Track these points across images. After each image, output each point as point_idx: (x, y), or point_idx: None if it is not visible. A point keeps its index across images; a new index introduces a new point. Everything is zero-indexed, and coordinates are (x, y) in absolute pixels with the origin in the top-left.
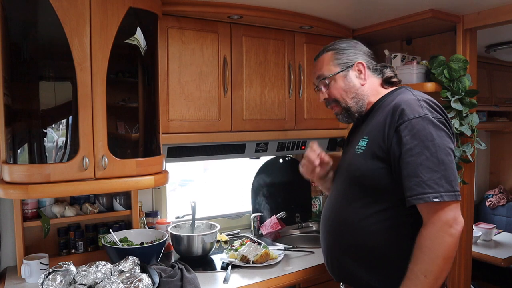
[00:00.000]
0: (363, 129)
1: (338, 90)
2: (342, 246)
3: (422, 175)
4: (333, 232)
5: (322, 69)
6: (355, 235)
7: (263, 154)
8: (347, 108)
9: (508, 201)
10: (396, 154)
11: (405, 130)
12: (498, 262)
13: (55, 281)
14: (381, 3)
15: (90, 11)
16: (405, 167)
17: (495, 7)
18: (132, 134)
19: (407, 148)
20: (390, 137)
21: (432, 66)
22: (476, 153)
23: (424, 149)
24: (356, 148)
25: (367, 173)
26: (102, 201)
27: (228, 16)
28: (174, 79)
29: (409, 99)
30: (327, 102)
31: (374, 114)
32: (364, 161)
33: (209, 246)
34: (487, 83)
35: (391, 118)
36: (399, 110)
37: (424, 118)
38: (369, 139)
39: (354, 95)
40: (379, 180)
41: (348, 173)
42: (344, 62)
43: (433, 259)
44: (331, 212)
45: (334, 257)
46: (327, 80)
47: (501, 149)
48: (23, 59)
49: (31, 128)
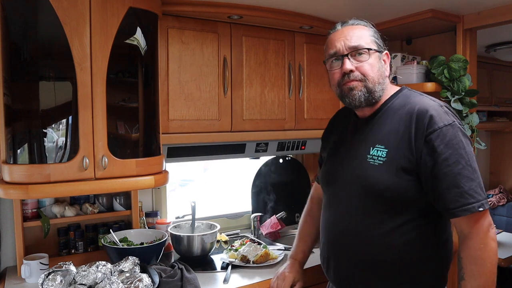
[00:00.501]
0: (370, 135)
1: (372, 67)
2: (365, 263)
3: (462, 185)
4: (351, 248)
5: (361, 40)
6: (381, 252)
7: (263, 154)
8: (372, 90)
9: (508, 201)
10: (428, 165)
11: (437, 139)
12: (498, 262)
13: (55, 281)
14: (381, 3)
15: (90, 11)
16: (443, 178)
17: (495, 7)
18: (132, 134)
19: (443, 158)
20: (419, 147)
21: (432, 66)
22: (476, 153)
23: (460, 158)
24: (368, 157)
25: (393, 186)
26: (102, 201)
27: (228, 16)
28: (174, 79)
29: (432, 104)
30: (349, 75)
31: (383, 118)
32: (387, 174)
33: (209, 246)
34: (487, 83)
35: (417, 125)
36: (427, 117)
37: (453, 125)
38: (387, 148)
39: (382, 81)
40: (406, 193)
41: (362, 185)
42: (380, 44)
43: (489, 268)
44: (345, 226)
45: (354, 274)
46: (365, 52)
47: (501, 149)
48: (23, 59)
49: (31, 128)
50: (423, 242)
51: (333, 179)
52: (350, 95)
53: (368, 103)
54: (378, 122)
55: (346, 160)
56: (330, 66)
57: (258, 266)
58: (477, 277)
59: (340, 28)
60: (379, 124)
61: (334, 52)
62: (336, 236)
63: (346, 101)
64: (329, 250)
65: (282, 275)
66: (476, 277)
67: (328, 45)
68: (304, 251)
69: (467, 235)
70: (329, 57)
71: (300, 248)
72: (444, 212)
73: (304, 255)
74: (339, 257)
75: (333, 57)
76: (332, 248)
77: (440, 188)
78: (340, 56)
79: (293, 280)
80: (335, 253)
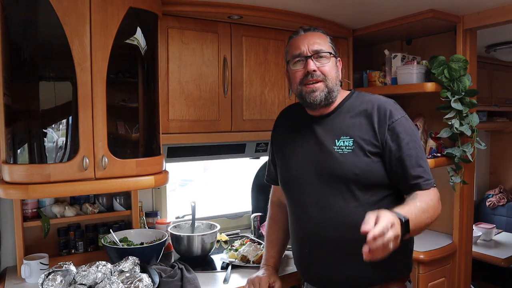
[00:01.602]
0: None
1: (331, 69)
2: (348, 248)
3: (422, 165)
4: (334, 236)
5: (323, 44)
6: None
7: (263, 154)
8: (331, 89)
9: (508, 201)
10: (393, 149)
11: (399, 127)
12: (498, 262)
13: (55, 281)
14: (381, 3)
15: (90, 11)
16: (407, 159)
17: (495, 7)
18: (132, 134)
19: (405, 142)
20: (383, 134)
21: (432, 66)
22: (476, 153)
23: (417, 143)
24: (335, 148)
25: (367, 167)
26: (102, 201)
27: (228, 16)
28: (174, 79)
29: (388, 100)
30: (312, 74)
31: (341, 114)
32: (359, 158)
33: (209, 246)
34: (487, 83)
35: (379, 117)
36: (387, 110)
37: (407, 117)
38: (353, 138)
39: (338, 83)
40: (377, 172)
41: (335, 174)
42: (335, 51)
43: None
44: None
45: (336, 262)
46: (325, 56)
47: (501, 149)
48: (23, 59)
49: (31, 128)
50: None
51: (296, 176)
52: (312, 96)
53: (326, 103)
54: (338, 118)
55: (310, 155)
56: (292, 65)
57: (258, 266)
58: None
59: (303, 33)
60: (339, 119)
61: (299, 54)
62: (309, 229)
63: (307, 101)
64: (304, 246)
65: (256, 278)
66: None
67: (291, 47)
68: (274, 257)
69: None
70: (293, 58)
71: (270, 253)
72: (408, 188)
73: (276, 260)
74: (315, 250)
75: (297, 58)
76: (306, 242)
77: (406, 167)
78: (304, 57)
79: (268, 281)
80: (310, 247)
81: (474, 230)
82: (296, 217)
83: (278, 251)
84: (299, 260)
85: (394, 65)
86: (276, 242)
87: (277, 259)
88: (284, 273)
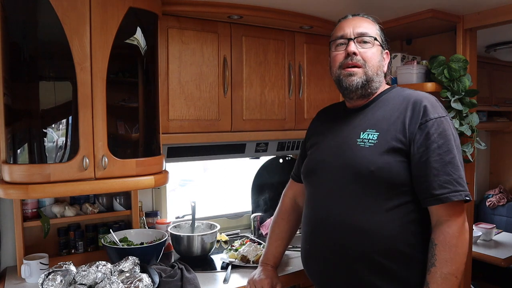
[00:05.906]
0: (362, 122)
1: (374, 56)
2: (356, 254)
3: (452, 173)
4: (341, 238)
5: (369, 28)
6: (375, 241)
7: (263, 154)
8: (370, 78)
9: (508, 201)
10: (420, 150)
11: (432, 128)
12: (498, 262)
13: (55, 281)
14: (381, 3)
15: (90, 11)
16: (433, 164)
17: (495, 7)
18: (132, 134)
19: (435, 146)
20: (413, 131)
21: (432, 66)
22: (476, 153)
23: (451, 149)
24: (358, 141)
25: (385, 166)
26: (102, 201)
27: (228, 16)
28: (174, 79)
29: (428, 96)
30: (352, 57)
31: (376, 107)
32: (379, 154)
33: (209, 246)
34: (487, 83)
35: (412, 113)
36: (422, 106)
37: (446, 118)
38: (379, 132)
39: (380, 73)
40: (397, 174)
41: (353, 168)
42: (384, 41)
43: (461, 257)
44: (333, 214)
45: (341, 267)
46: (369, 41)
47: (501, 149)
48: (23, 59)
49: (31, 128)
50: (415, 228)
51: (317, 167)
52: (348, 80)
53: (363, 92)
54: (372, 111)
55: (334, 147)
56: (334, 48)
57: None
58: (449, 264)
59: (351, 17)
60: (372, 112)
61: (342, 35)
62: (319, 224)
63: (343, 85)
64: (310, 240)
65: (260, 282)
66: (448, 264)
67: (336, 29)
68: (275, 256)
69: (445, 222)
70: (335, 38)
71: (271, 252)
72: (428, 198)
73: (276, 260)
74: (321, 248)
75: (340, 39)
76: (313, 237)
77: (430, 173)
78: (346, 39)
79: (271, 283)
80: (316, 243)
81: (474, 230)
82: (307, 210)
83: (279, 251)
84: (302, 253)
85: (394, 65)
86: (280, 242)
87: (278, 258)
88: (284, 273)
